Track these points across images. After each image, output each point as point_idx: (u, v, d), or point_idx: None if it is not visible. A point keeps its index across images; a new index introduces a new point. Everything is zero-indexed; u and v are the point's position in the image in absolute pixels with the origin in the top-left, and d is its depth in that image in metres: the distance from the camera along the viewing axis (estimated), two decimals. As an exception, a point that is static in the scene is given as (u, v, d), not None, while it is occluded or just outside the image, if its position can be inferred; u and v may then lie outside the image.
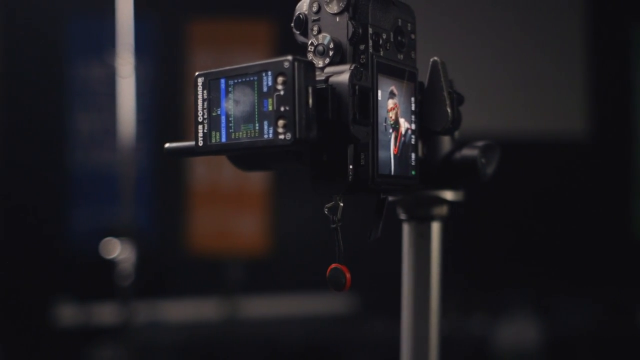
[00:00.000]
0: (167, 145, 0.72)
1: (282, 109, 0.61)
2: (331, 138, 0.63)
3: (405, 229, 0.79)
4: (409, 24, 0.71)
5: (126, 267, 2.88)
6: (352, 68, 0.63)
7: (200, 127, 0.67)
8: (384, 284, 3.89)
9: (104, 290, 3.11)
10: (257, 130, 0.63)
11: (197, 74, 0.67)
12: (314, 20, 0.68)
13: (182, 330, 3.53)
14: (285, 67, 0.61)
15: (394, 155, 0.68)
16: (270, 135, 0.62)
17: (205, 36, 3.83)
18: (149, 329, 3.46)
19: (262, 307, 3.72)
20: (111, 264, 2.95)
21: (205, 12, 3.86)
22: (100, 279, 3.11)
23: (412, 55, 0.72)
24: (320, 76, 0.64)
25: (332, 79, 0.63)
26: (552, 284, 3.87)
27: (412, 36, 0.72)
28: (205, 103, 0.66)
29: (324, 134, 0.63)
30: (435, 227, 0.79)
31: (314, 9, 0.68)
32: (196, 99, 0.67)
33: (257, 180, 3.83)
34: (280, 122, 0.61)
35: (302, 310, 3.79)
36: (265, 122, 0.62)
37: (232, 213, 3.85)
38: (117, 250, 2.90)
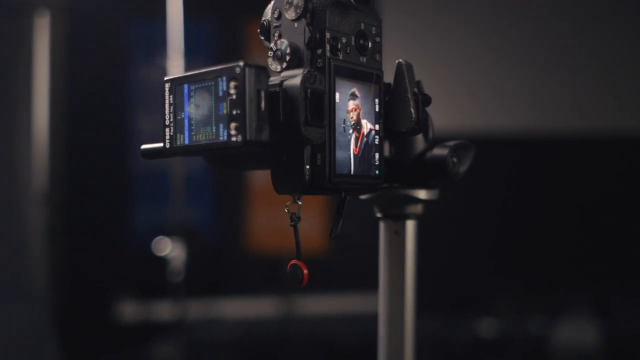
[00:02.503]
0: (142, 146, 0.76)
1: (234, 112, 0.64)
2: (285, 140, 0.66)
3: (381, 226, 0.81)
4: (373, 28, 0.73)
5: (177, 264, 2.96)
6: (305, 72, 0.66)
7: (167, 129, 0.70)
8: (437, 285, 3.88)
9: (162, 288, 3.19)
10: (214, 133, 0.66)
11: (165, 79, 0.70)
12: (276, 27, 0.71)
13: (239, 328, 3.58)
14: (237, 72, 0.64)
15: (355, 155, 0.70)
16: (225, 138, 0.65)
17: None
18: (206, 326, 3.53)
19: (318, 305, 3.75)
20: (164, 261, 3.03)
21: (261, 13, 3.91)
22: (158, 277, 3.19)
23: (377, 57, 0.73)
24: (277, 80, 0.67)
25: (285, 83, 0.66)
26: (611, 284, 3.80)
27: (377, 39, 0.73)
28: (172, 107, 0.70)
29: (277, 136, 0.65)
30: (410, 225, 0.81)
31: (275, 15, 0.71)
32: (164, 103, 0.70)
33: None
34: (232, 125, 0.64)
35: (358, 309, 3.80)
36: (221, 125, 0.65)
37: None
38: (169, 248, 2.98)
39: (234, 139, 0.64)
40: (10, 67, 2.97)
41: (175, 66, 2.89)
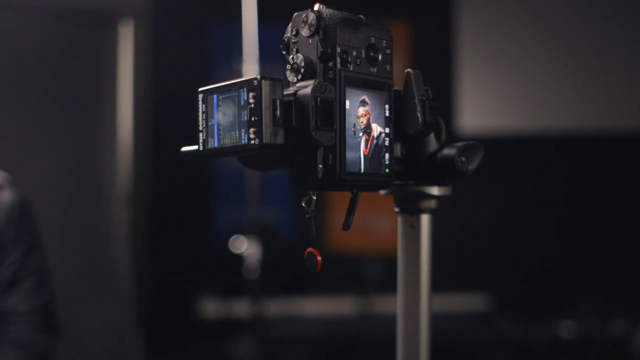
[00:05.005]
0: (182, 149, 0.86)
1: (253, 119, 0.74)
2: (299, 142, 0.75)
3: (399, 220, 0.89)
4: (384, 41, 0.82)
5: (253, 262, 3.07)
6: (316, 83, 0.75)
7: (200, 134, 0.81)
8: (518, 284, 3.88)
9: (241, 286, 3.29)
10: (237, 137, 0.76)
11: (199, 90, 0.81)
12: (294, 42, 0.80)
13: (317, 326, 3.66)
14: (255, 84, 0.74)
15: (365, 155, 0.79)
16: (245, 141, 0.75)
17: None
18: (285, 323, 3.63)
19: (395, 305, 3.80)
20: (241, 259, 3.14)
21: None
22: (237, 275, 3.29)
23: (388, 67, 0.82)
24: (292, 90, 0.76)
25: (298, 92, 0.75)
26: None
27: (388, 51, 0.82)
28: (204, 115, 0.80)
29: (292, 139, 0.75)
30: (425, 219, 0.88)
31: (293, 32, 0.80)
32: (198, 111, 0.81)
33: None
34: (252, 130, 0.74)
35: (435, 308, 3.83)
36: (243, 130, 0.75)
37: (370, 211, 3.94)
38: (245, 246, 3.09)
39: (252, 142, 0.74)
40: (97, 73, 3.14)
41: (250, 71, 3.00)
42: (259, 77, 0.73)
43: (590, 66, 3.96)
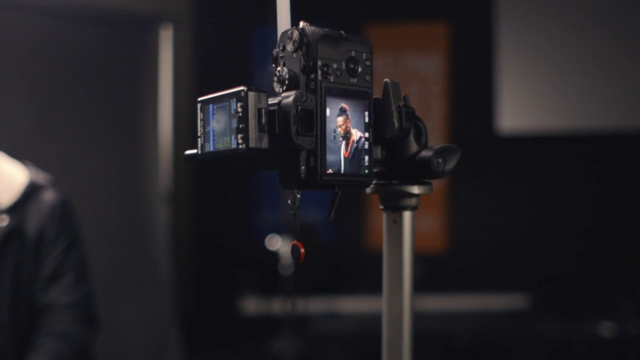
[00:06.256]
0: (186, 152, 0.96)
1: (241, 126, 0.83)
2: (283, 147, 0.85)
3: (384, 216, 0.98)
4: (364, 54, 0.90)
5: (287, 261, 3.16)
6: (297, 93, 0.84)
7: (199, 139, 0.91)
8: (558, 283, 3.90)
9: (279, 283, 3.39)
10: (228, 142, 0.86)
11: (197, 99, 0.91)
12: (281, 57, 0.89)
13: (358, 323, 3.73)
14: (242, 95, 0.83)
15: (345, 158, 0.87)
16: (235, 145, 0.84)
17: (382, 40, 4.04)
18: (326, 321, 3.70)
19: (437, 303, 3.85)
20: (277, 258, 3.24)
21: (381, 16, 4.06)
22: (275, 275, 3.38)
23: (367, 78, 0.90)
24: (277, 99, 0.85)
25: (282, 102, 0.84)
26: None
27: (367, 63, 0.90)
28: (202, 122, 0.90)
29: (276, 144, 0.84)
30: (407, 215, 0.97)
31: (280, 47, 0.89)
32: (197, 118, 0.90)
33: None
34: (239, 136, 0.83)
35: (475, 307, 3.88)
36: (232, 136, 0.85)
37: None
38: (279, 245, 3.19)
39: (240, 146, 0.83)
40: (138, 76, 3.26)
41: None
42: (245, 88, 0.83)
43: (630, 67, 3.97)
